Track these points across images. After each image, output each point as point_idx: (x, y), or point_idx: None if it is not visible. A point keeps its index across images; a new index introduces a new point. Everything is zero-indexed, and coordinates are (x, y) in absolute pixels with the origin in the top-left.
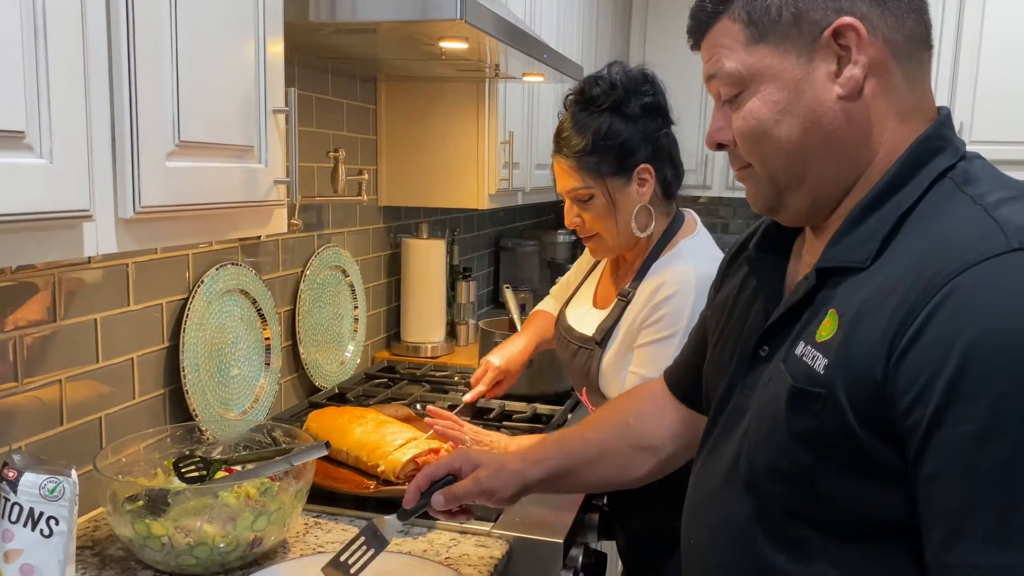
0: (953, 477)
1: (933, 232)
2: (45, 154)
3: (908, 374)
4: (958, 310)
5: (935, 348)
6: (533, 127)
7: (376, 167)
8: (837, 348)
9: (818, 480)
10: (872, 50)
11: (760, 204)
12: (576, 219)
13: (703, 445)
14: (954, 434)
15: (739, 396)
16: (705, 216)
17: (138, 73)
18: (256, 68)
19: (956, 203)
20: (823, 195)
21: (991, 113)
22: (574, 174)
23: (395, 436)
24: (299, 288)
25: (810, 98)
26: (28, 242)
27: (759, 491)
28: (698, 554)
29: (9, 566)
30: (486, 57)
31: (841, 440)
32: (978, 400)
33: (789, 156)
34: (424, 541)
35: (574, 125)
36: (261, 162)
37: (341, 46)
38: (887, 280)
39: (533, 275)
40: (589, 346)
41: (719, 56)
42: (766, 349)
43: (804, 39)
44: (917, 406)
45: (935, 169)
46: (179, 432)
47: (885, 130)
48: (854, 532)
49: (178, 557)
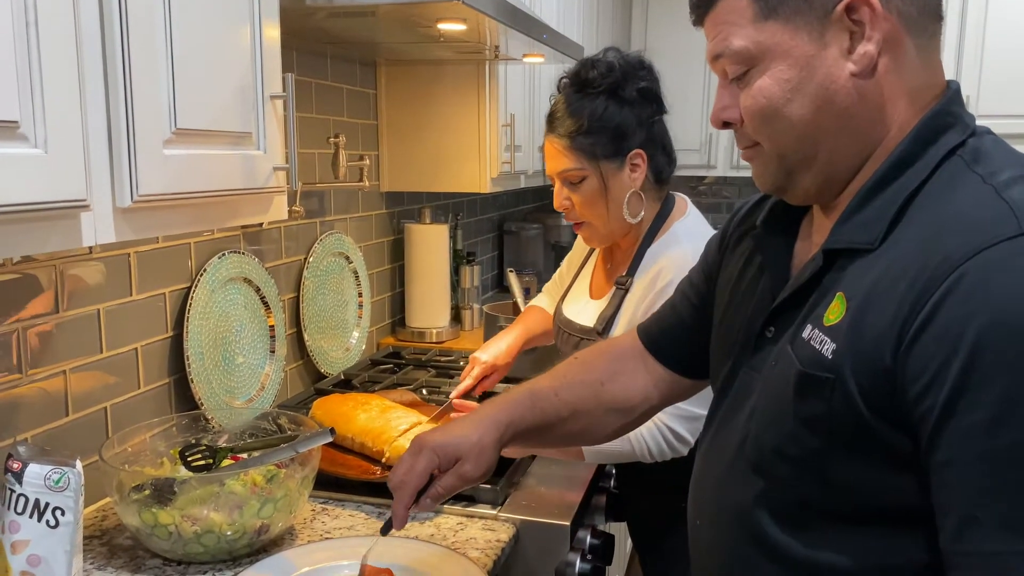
0: (967, 464)
1: (942, 214)
2: (40, 144)
3: (919, 361)
4: (969, 296)
5: (946, 335)
6: (534, 109)
7: (377, 152)
8: (845, 333)
9: (826, 465)
10: (887, 25)
11: (768, 184)
12: (566, 201)
13: (708, 425)
14: (967, 421)
15: (744, 376)
16: (710, 196)
17: (132, 60)
18: (252, 54)
19: (965, 182)
20: (834, 174)
21: (997, 87)
22: (567, 155)
23: (400, 421)
24: (302, 275)
25: (822, 75)
26: (26, 233)
27: (766, 474)
28: (704, 535)
29: (16, 557)
30: (485, 38)
31: (849, 425)
32: (991, 387)
33: (800, 135)
34: (431, 525)
35: (569, 106)
36: (259, 149)
37: (339, 30)
38: (896, 263)
39: (537, 259)
40: (591, 337)
41: (726, 33)
42: (772, 330)
43: (816, 14)
44: (929, 393)
45: (944, 146)
46: (185, 421)
47: (898, 107)
48: (862, 516)
49: (185, 545)
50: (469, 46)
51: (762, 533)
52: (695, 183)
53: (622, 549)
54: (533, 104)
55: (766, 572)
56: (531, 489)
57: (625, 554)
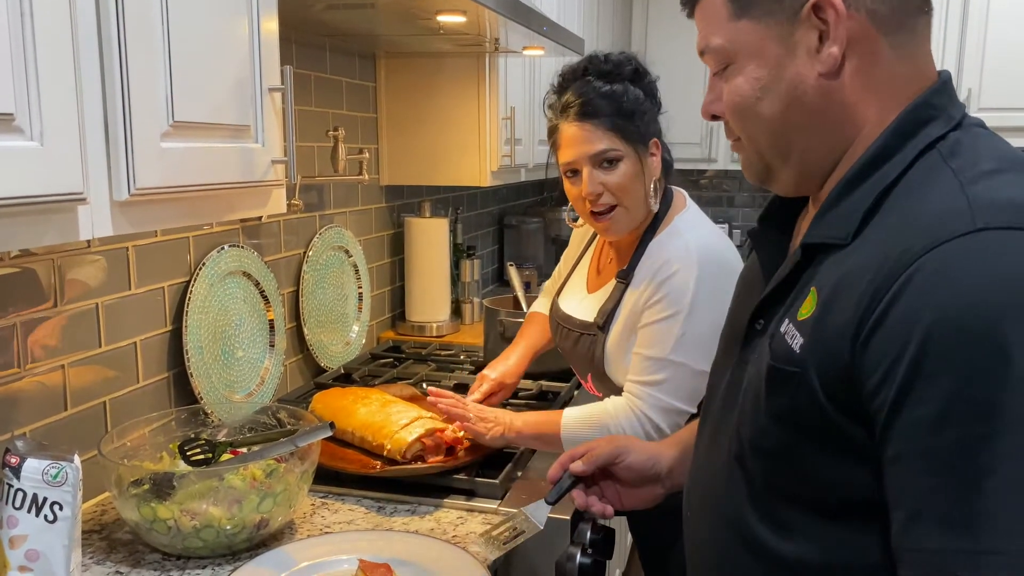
0: (912, 460)
1: (912, 208)
2: (36, 137)
3: (873, 356)
4: (919, 293)
5: (897, 331)
6: (535, 102)
7: (377, 146)
8: (811, 327)
9: (795, 458)
10: (853, 25)
11: (752, 175)
12: (599, 186)
13: (704, 417)
14: (913, 417)
15: (737, 370)
16: (711, 190)
17: (129, 52)
18: (250, 46)
19: (938, 177)
20: (809, 168)
21: (1000, 80)
22: (604, 136)
23: (400, 415)
24: (302, 269)
25: (791, 75)
26: (23, 226)
27: (745, 467)
28: (693, 527)
29: (14, 552)
30: (485, 30)
31: (815, 419)
32: (936, 383)
33: (773, 132)
34: (431, 519)
35: (598, 90)
36: (258, 142)
37: (338, 22)
38: (863, 258)
39: (537, 252)
40: (591, 331)
41: (707, 30)
42: (761, 323)
43: (786, 14)
44: (882, 388)
45: (924, 140)
46: (184, 415)
47: (871, 104)
48: (833, 510)
49: (185, 540)
50: (469, 38)
51: (742, 525)
52: (696, 176)
53: (622, 543)
54: (533, 97)
55: (746, 565)
56: (531, 483)
57: (625, 548)
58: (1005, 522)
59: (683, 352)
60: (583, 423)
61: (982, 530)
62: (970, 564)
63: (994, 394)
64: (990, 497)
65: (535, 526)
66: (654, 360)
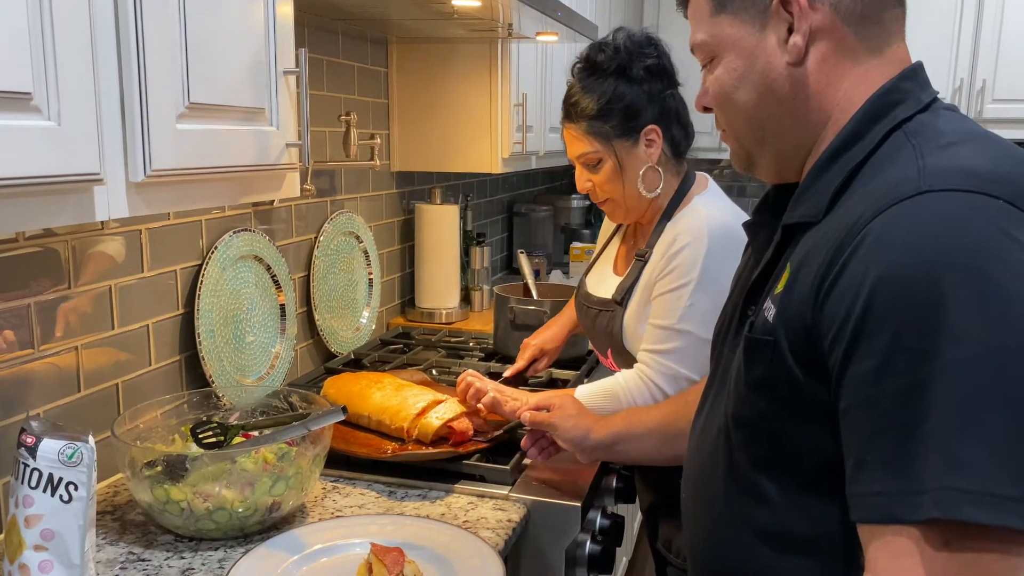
0: (857, 410)
1: (871, 183)
2: (53, 116)
3: (828, 316)
4: (867, 252)
5: (848, 289)
6: (547, 89)
7: (388, 131)
8: (781, 298)
9: (773, 427)
10: (818, 17)
11: (738, 163)
12: (587, 184)
13: (703, 400)
14: (860, 369)
15: (728, 354)
16: (722, 180)
17: (146, 33)
18: (266, 28)
19: (901, 153)
20: (784, 155)
21: (1015, 71)
22: (583, 139)
23: (417, 399)
24: (313, 254)
25: (763, 64)
26: (38, 206)
27: (729, 440)
28: (687, 506)
29: (30, 531)
30: (499, 15)
31: (787, 385)
32: (878, 336)
33: (748, 120)
34: (442, 505)
35: (581, 91)
36: (272, 125)
37: (351, 6)
38: (828, 230)
39: (547, 240)
40: (610, 308)
41: (694, 27)
42: (753, 309)
43: (758, 8)
44: (835, 346)
45: (891, 121)
46: (196, 398)
47: (839, 91)
48: (807, 478)
49: (197, 522)
50: (483, 23)
51: (727, 498)
52: (707, 167)
53: (631, 532)
54: (545, 84)
55: (738, 541)
56: (542, 470)
57: (634, 536)
58: (937, 462)
59: (692, 321)
60: (595, 394)
61: (919, 471)
62: (908, 503)
63: (930, 342)
64: (926, 440)
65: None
66: (664, 329)
